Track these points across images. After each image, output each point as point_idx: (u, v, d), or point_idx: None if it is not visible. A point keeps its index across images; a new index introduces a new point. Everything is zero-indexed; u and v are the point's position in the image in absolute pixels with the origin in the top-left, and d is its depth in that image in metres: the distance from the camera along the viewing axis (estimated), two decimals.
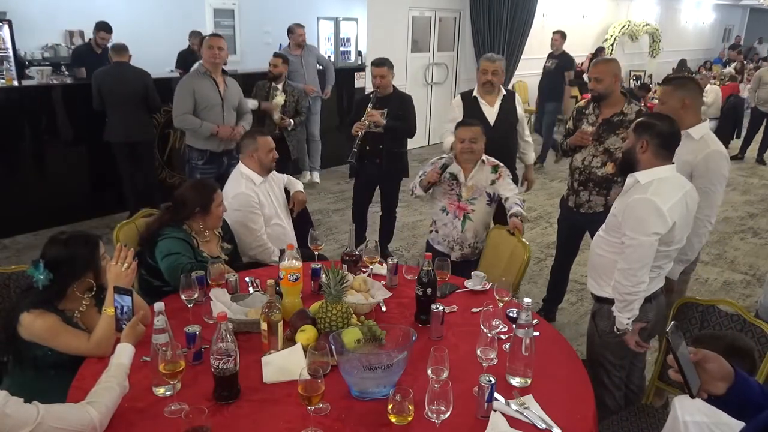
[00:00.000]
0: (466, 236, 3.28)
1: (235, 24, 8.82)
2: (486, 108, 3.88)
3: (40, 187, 5.13)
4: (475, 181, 3.23)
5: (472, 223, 3.26)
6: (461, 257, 3.31)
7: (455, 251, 3.32)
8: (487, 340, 1.92)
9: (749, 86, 8.55)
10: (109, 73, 4.99)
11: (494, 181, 3.24)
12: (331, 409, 1.72)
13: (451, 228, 3.29)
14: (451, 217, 3.28)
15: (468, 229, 3.27)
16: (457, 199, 3.25)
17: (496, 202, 3.28)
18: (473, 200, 3.24)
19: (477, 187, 3.23)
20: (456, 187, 3.25)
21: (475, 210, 3.25)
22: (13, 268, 2.39)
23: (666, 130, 2.21)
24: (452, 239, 3.31)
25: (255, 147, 3.15)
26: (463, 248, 3.31)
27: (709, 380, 1.23)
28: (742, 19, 19.72)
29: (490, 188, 3.24)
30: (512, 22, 8.87)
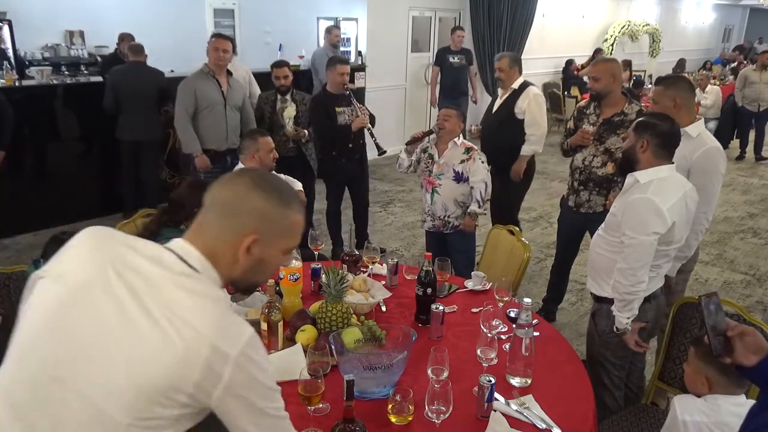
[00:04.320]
0: (435, 208, 3.53)
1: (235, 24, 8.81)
2: (497, 101, 4.26)
3: (40, 187, 5.13)
4: (446, 159, 3.45)
5: (439, 196, 3.49)
6: (432, 227, 3.59)
7: (427, 222, 3.62)
8: (487, 340, 1.92)
9: (736, 85, 8.56)
10: (126, 72, 5.06)
11: (464, 161, 3.42)
12: (331, 409, 1.72)
13: (424, 201, 3.61)
14: (424, 191, 3.60)
15: (436, 202, 3.51)
16: (429, 174, 3.52)
17: (465, 182, 3.44)
18: (440, 176, 3.47)
19: (447, 164, 3.46)
20: (431, 165, 3.52)
21: (442, 185, 3.47)
22: (13, 268, 2.39)
23: (666, 130, 2.22)
24: (425, 211, 3.62)
25: (256, 147, 3.16)
26: (434, 219, 3.57)
27: (743, 352, 1.34)
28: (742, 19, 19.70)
29: (459, 166, 3.42)
30: (512, 22, 8.87)
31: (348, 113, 4.31)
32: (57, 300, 1.05)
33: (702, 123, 2.74)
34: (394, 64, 8.23)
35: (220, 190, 1.16)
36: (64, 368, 1.01)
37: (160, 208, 2.72)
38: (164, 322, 1.00)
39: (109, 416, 0.99)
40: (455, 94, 7.50)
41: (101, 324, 1.01)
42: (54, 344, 1.03)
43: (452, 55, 7.58)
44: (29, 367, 1.04)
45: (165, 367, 0.98)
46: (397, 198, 6.52)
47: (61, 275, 1.07)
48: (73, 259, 1.09)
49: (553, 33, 11.00)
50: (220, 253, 1.12)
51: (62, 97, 5.28)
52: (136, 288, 1.02)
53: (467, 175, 3.41)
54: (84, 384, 1.00)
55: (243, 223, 1.11)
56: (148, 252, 1.10)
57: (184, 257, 1.10)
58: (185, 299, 1.03)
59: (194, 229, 1.16)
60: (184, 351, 0.99)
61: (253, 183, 1.14)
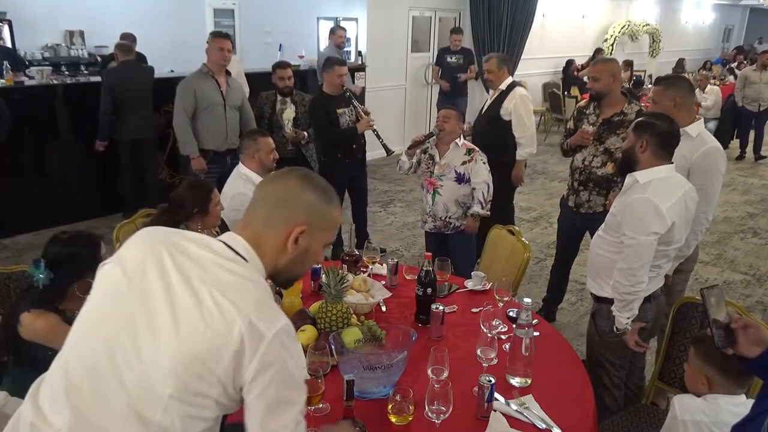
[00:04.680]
0: (437, 210, 3.51)
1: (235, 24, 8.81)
2: (489, 99, 4.32)
3: (40, 187, 5.13)
4: (447, 160, 3.45)
5: (441, 197, 3.48)
6: (433, 228, 3.57)
7: (428, 222, 3.60)
8: (487, 340, 1.92)
9: (736, 85, 8.56)
10: (120, 72, 5.05)
11: (465, 162, 3.42)
12: (331, 409, 1.72)
13: (425, 202, 3.59)
14: (425, 192, 3.58)
15: (437, 203, 3.50)
16: (430, 175, 3.51)
17: (466, 183, 3.44)
18: (442, 177, 3.47)
19: (448, 165, 3.45)
20: (432, 166, 3.50)
21: (443, 186, 3.46)
22: (13, 268, 2.39)
23: (665, 130, 2.22)
24: (425, 212, 3.60)
25: (256, 147, 3.16)
26: (435, 220, 3.55)
27: (746, 344, 1.36)
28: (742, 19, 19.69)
29: (461, 168, 3.42)
30: (512, 22, 8.86)
31: (348, 114, 4.31)
32: (115, 279, 1.16)
33: (702, 123, 2.74)
34: (394, 64, 8.23)
35: (274, 185, 1.28)
36: (117, 340, 1.10)
37: (160, 208, 2.72)
38: (208, 299, 1.09)
39: (152, 386, 1.07)
40: (454, 95, 7.51)
41: (150, 299, 1.11)
42: (111, 319, 1.13)
43: (451, 55, 7.60)
44: (90, 342, 1.13)
45: (205, 340, 1.07)
46: (397, 198, 6.52)
47: (121, 259, 1.19)
48: (132, 246, 1.20)
49: (553, 33, 11.00)
50: (267, 243, 1.22)
51: (62, 97, 5.28)
52: (185, 268, 1.13)
53: (469, 176, 3.41)
54: (132, 354, 1.09)
55: (295, 214, 1.23)
56: (199, 239, 1.21)
57: (232, 245, 1.20)
58: (229, 279, 1.13)
59: (243, 223, 1.26)
60: (224, 326, 1.07)
61: (304, 179, 1.27)
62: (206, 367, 1.07)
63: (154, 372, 1.07)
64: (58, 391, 1.12)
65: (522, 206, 6.35)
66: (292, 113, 4.56)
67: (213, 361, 1.07)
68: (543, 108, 10.70)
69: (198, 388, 1.08)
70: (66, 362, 1.14)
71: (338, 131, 4.26)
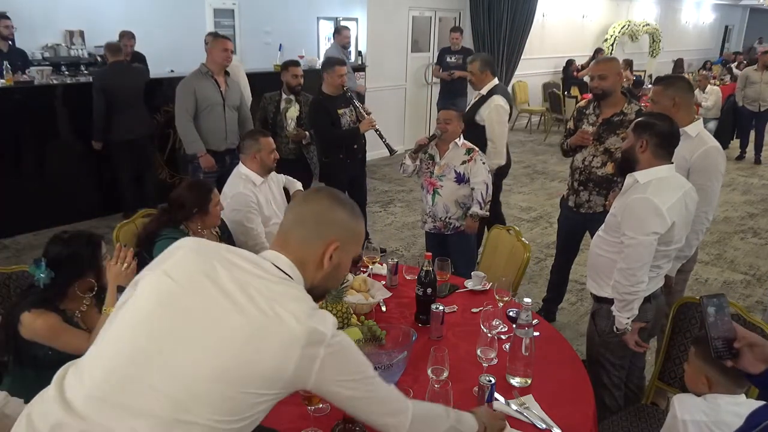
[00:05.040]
0: (437, 210, 3.50)
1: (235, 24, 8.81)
2: (473, 99, 4.33)
3: (40, 187, 5.13)
4: (447, 161, 3.44)
5: (440, 197, 3.47)
6: (433, 228, 3.56)
7: (428, 223, 3.59)
8: (487, 340, 1.93)
9: (736, 86, 8.55)
10: (110, 73, 5.03)
11: (465, 162, 3.42)
12: (331, 409, 1.72)
13: (425, 202, 3.59)
14: (425, 192, 3.57)
15: (438, 203, 3.49)
16: (430, 175, 3.51)
17: (466, 183, 3.44)
18: (442, 177, 3.46)
19: (448, 165, 3.44)
20: (431, 166, 3.50)
21: (443, 186, 3.45)
22: (13, 268, 2.39)
23: (665, 130, 2.22)
24: (425, 212, 3.60)
25: (258, 148, 3.15)
26: (435, 221, 3.54)
27: (751, 360, 1.35)
28: (742, 19, 19.69)
29: (461, 167, 3.42)
30: (512, 22, 8.87)
31: (348, 114, 4.30)
32: (166, 290, 1.19)
33: (701, 123, 2.74)
34: (394, 64, 8.23)
35: (307, 206, 1.35)
36: (168, 344, 1.14)
37: (160, 208, 2.72)
38: (268, 309, 1.15)
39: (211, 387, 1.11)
40: (454, 94, 7.51)
41: (210, 311, 1.15)
42: (163, 323, 1.16)
43: (450, 55, 7.60)
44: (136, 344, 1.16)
45: (270, 346, 1.12)
46: (397, 198, 6.53)
47: (168, 272, 1.22)
48: (181, 259, 1.24)
49: (553, 33, 11.01)
50: (307, 261, 1.31)
51: (62, 97, 5.28)
52: (241, 281, 1.18)
53: (468, 176, 3.41)
54: (189, 359, 1.12)
55: (330, 232, 1.31)
56: (247, 256, 1.27)
57: (278, 264, 1.27)
58: (283, 290, 1.21)
59: (280, 242, 1.32)
60: (287, 332, 1.13)
61: (334, 198, 1.36)
62: (274, 372, 1.13)
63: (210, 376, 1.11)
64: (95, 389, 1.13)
65: (522, 206, 6.35)
66: (296, 111, 4.55)
67: (281, 366, 1.12)
68: (543, 108, 10.71)
69: (260, 389, 1.13)
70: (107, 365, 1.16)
71: (340, 132, 4.25)
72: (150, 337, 1.15)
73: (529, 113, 10.82)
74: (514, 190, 6.92)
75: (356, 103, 4.35)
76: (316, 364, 1.15)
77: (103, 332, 1.22)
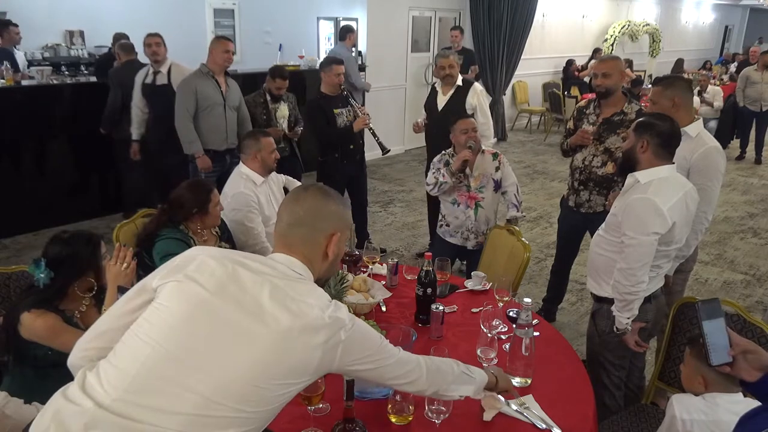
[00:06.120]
0: (480, 224, 3.41)
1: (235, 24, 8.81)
2: (439, 97, 4.38)
3: (40, 187, 5.13)
4: (481, 170, 3.36)
5: (483, 210, 3.40)
6: (477, 245, 3.43)
7: (470, 240, 3.44)
8: (487, 340, 1.93)
9: (737, 86, 8.53)
10: (125, 71, 5.04)
11: (498, 167, 3.39)
12: (331, 409, 1.72)
13: (464, 218, 3.41)
14: (463, 208, 3.40)
15: (480, 217, 3.40)
16: (467, 189, 3.38)
17: (500, 189, 3.42)
18: (482, 188, 3.37)
19: (483, 175, 3.36)
20: (464, 179, 3.36)
21: (485, 197, 3.39)
22: (13, 268, 2.39)
23: (666, 130, 2.22)
24: (467, 229, 3.43)
25: (258, 148, 3.15)
26: (478, 236, 3.43)
27: (746, 368, 1.33)
28: (742, 19, 19.69)
29: (496, 174, 3.38)
30: (512, 22, 8.87)
31: (345, 114, 4.31)
32: (196, 296, 1.23)
33: (701, 123, 2.74)
34: (394, 64, 8.23)
35: (301, 206, 1.38)
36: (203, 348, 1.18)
37: (160, 208, 2.72)
38: (293, 306, 1.22)
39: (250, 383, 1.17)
40: None
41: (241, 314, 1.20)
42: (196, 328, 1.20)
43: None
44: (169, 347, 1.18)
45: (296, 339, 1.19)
46: (397, 198, 6.52)
47: (193, 277, 1.25)
48: (202, 266, 1.27)
49: (553, 33, 11.01)
50: (314, 258, 1.37)
51: (62, 97, 5.28)
52: (264, 282, 1.25)
53: (501, 181, 3.38)
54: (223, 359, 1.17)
55: (329, 225, 1.38)
56: (260, 260, 1.33)
57: (290, 266, 1.33)
58: (301, 287, 1.28)
59: (285, 245, 1.37)
60: (312, 325, 1.21)
61: (324, 193, 1.41)
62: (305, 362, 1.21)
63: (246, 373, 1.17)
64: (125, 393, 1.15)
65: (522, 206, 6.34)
66: (286, 111, 4.64)
67: (312, 356, 1.20)
68: (543, 108, 10.71)
69: (294, 379, 1.21)
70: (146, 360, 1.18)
71: (334, 131, 4.26)
72: (183, 342, 1.19)
73: (529, 113, 10.82)
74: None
75: (353, 102, 4.36)
76: (339, 349, 1.24)
77: (127, 336, 1.24)
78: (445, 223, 3.53)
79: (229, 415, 1.15)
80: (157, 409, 1.13)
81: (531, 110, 10.77)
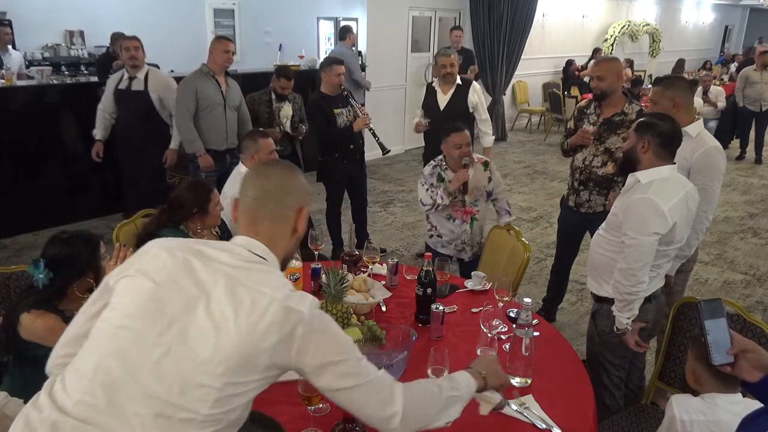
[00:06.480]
0: (474, 236, 3.39)
1: (235, 24, 8.81)
2: (440, 96, 4.45)
3: (40, 187, 5.13)
4: (475, 183, 3.30)
5: (478, 222, 3.39)
6: (472, 256, 3.41)
7: (467, 252, 3.41)
8: (487, 340, 1.93)
9: (736, 86, 8.53)
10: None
11: (490, 178, 3.36)
12: (331, 409, 1.72)
13: (460, 232, 3.35)
14: (459, 223, 3.34)
15: (476, 229, 3.39)
16: (462, 204, 3.31)
17: (492, 197, 3.42)
18: (476, 202, 3.34)
19: (477, 188, 3.31)
20: (459, 194, 3.29)
21: (479, 209, 3.37)
22: (13, 268, 2.39)
23: (667, 130, 2.21)
24: (462, 241, 3.38)
25: (256, 149, 3.15)
26: (473, 247, 3.41)
27: (746, 368, 1.31)
28: (742, 19, 19.69)
29: (489, 186, 3.37)
30: (512, 22, 8.87)
31: (345, 114, 4.31)
32: (147, 291, 1.19)
33: (701, 123, 2.74)
34: (394, 64, 8.23)
35: (270, 181, 1.34)
36: (155, 346, 1.14)
37: (160, 209, 2.71)
38: (246, 298, 1.16)
39: (199, 383, 1.12)
40: None
41: (192, 308, 1.16)
42: (148, 325, 1.16)
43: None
44: (122, 347, 1.16)
45: (251, 332, 1.14)
46: (397, 198, 6.52)
47: (146, 273, 1.21)
48: (155, 260, 1.24)
49: (553, 33, 11.01)
50: (280, 236, 1.33)
51: (62, 97, 5.28)
52: (218, 272, 1.20)
53: (493, 189, 3.37)
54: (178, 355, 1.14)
55: (297, 199, 1.35)
56: (219, 246, 1.29)
57: (250, 248, 1.28)
58: (258, 276, 1.22)
59: (250, 225, 1.33)
60: (265, 317, 1.15)
61: (287, 167, 1.40)
62: (254, 359, 1.14)
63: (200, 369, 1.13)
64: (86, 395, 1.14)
65: (522, 206, 6.35)
66: (289, 110, 4.64)
67: (260, 352, 1.14)
68: (543, 108, 10.71)
69: (245, 376, 1.15)
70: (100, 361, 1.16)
71: (334, 130, 4.27)
72: (135, 340, 1.15)
73: (529, 113, 10.82)
74: (514, 190, 6.92)
75: (353, 102, 4.36)
76: (294, 347, 1.16)
77: (90, 340, 1.21)
78: (436, 234, 3.43)
79: (186, 417, 1.11)
80: (116, 412, 1.11)
81: (531, 110, 10.77)
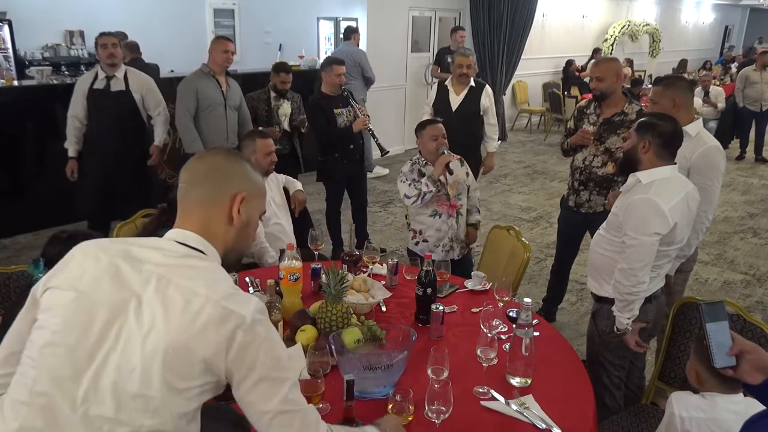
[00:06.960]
0: (460, 232, 3.33)
1: (235, 24, 8.81)
2: (452, 96, 4.40)
3: (39, 187, 5.12)
4: (455, 177, 3.28)
5: (462, 217, 3.35)
6: (459, 254, 3.34)
7: (455, 249, 3.31)
8: (487, 340, 1.92)
9: (736, 86, 8.52)
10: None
11: (468, 173, 3.38)
12: (331, 409, 1.72)
13: (447, 228, 3.26)
14: (445, 218, 3.25)
15: (461, 224, 3.34)
16: (447, 198, 3.25)
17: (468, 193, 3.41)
18: (459, 196, 3.31)
19: (458, 182, 3.30)
20: (441, 188, 3.22)
21: (462, 204, 3.33)
22: (13, 268, 2.39)
23: (668, 130, 2.21)
24: (450, 239, 3.28)
25: (254, 149, 3.13)
26: (460, 243, 3.35)
27: (747, 370, 1.30)
28: (742, 19, 19.69)
29: (468, 180, 3.37)
30: (512, 22, 8.87)
31: (345, 114, 4.31)
32: (71, 302, 1.11)
33: (701, 122, 2.75)
34: (394, 64, 8.23)
35: (203, 162, 1.28)
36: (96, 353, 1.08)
37: (159, 209, 2.71)
38: (176, 296, 1.09)
39: (135, 392, 1.06)
40: None
41: (121, 316, 1.09)
42: (82, 336, 1.09)
43: (450, 55, 7.60)
44: (51, 367, 1.08)
45: (182, 335, 1.07)
46: (397, 198, 6.50)
47: (70, 283, 1.13)
48: (77, 268, 1.15)
49: (553, 33, 11.01)
50: (214, 224, 1.24)
51: (62, 97, 5.27)
52: (146, 273, 1.12)
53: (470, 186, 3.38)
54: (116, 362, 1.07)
55: (233, 185, 1.25)
56: (148, 244, 1.20)
57: (183, 241, 1.21)
58: (193, 274, 1.14)
59: (183, 214, 1.25)
60: (200, 318, 1.08)
61: (229, 152, 1.33)
62: (190, 362, 1.08)
63: (135, 378, 1.06)
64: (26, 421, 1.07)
65: (522, 206, 6.35)
66: (288, 108, 4.64)
67: (194, 354, 1.08)
68: (543, 108, 10.71)
69: (182, 382, 1.08)
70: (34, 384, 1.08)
71: (334, 131, 4.27)
72: (63, 358, 1.07)
73: (529, 113, 10.82)
74: (514, 190, 6.92)
75: (353, 102, 4.37)
76: (232, 351, 1.09)
77: (22, 364, 1.13)
78: (422, 239, 3.30)
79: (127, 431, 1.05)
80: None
81: (531, 110, 10.77)
